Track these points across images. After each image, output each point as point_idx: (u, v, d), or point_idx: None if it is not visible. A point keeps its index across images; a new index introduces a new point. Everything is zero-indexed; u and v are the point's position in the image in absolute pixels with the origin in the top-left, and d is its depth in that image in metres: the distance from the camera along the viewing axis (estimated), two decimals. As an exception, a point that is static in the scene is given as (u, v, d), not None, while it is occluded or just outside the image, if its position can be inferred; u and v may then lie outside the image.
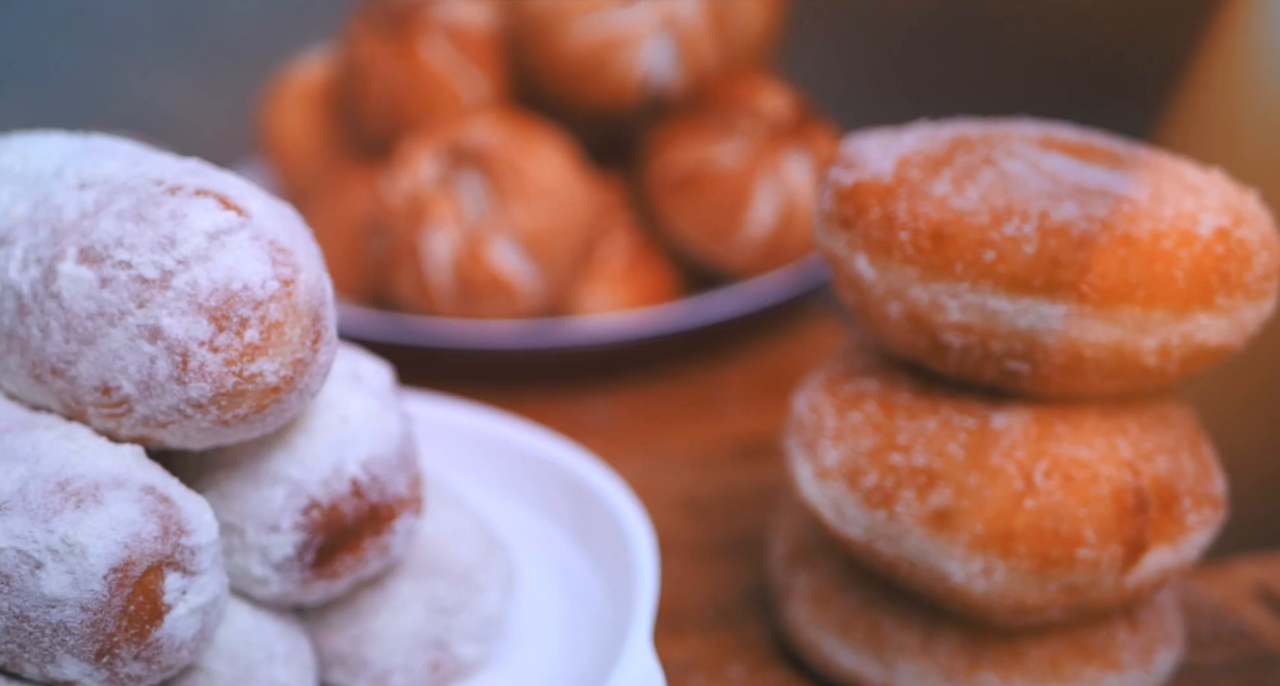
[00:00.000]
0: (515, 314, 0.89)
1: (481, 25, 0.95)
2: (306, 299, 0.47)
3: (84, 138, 0.53)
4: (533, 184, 0.86)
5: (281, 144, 1.07)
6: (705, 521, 0.77)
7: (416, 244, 0.87)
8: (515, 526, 0.66)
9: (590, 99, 0.92)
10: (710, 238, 0.93)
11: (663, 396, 0.91)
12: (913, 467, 0.54)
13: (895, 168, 0.54)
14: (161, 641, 0.46)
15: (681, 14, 0.90)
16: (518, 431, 0.69)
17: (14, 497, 0.44)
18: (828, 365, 0.61)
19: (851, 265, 0.55)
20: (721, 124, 0.93)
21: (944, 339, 0.53)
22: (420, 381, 0.89)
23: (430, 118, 0.93)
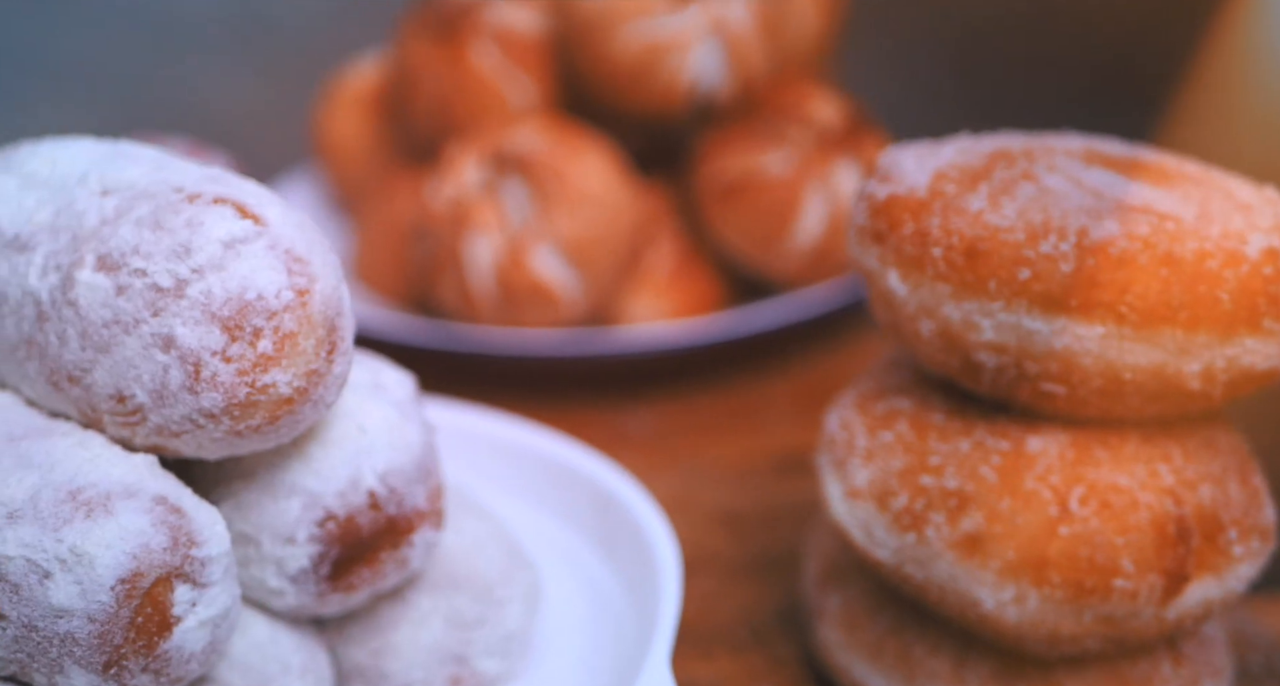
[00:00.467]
0: (557, 321, 0.88)
1: (531, 30, 0.94)
2: (322, 309, 0.46)
3: (112, 143, 0.53)
4: (576, 191, 0.85)
5: (335, 147, 1.07)
6: (742, 537, 0.75)
7: (459, 250, 0.86)
8: (541, 537, 0.65)
9: (638, 105, 0.91)
10: (757, 247, 0.92)
11: (705, 407, 0.89)
12: (944, 490, 0.53)
13: (930, 181, 0.53)
14: (170, 653, 0.46)
15: (731, 19, 0.89)
16: (546, 441, 0.69)
17: (26, 506, 0.44)
18: (861, 382, 0.59)
19: (883, 281, 0.53)
20: (770, 131, 0.92)
21: (977, 358, 0.52)
22: (461, 388, 0.89)
23: (477, 123, 0.93)
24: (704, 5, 0.89)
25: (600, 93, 0.92)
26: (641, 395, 0.90)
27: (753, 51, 0.91)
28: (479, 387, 0.89)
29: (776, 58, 0.94)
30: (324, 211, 1.11)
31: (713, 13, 0.89)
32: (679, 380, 0.91)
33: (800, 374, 0.93)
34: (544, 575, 0.62)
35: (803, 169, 0.91)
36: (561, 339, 0.87)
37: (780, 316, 0.90)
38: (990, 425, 0.54)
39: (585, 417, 0.88)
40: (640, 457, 0.84)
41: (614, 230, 0.87)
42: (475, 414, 0.71)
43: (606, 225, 0.86)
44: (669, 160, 0.97)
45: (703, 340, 0.88)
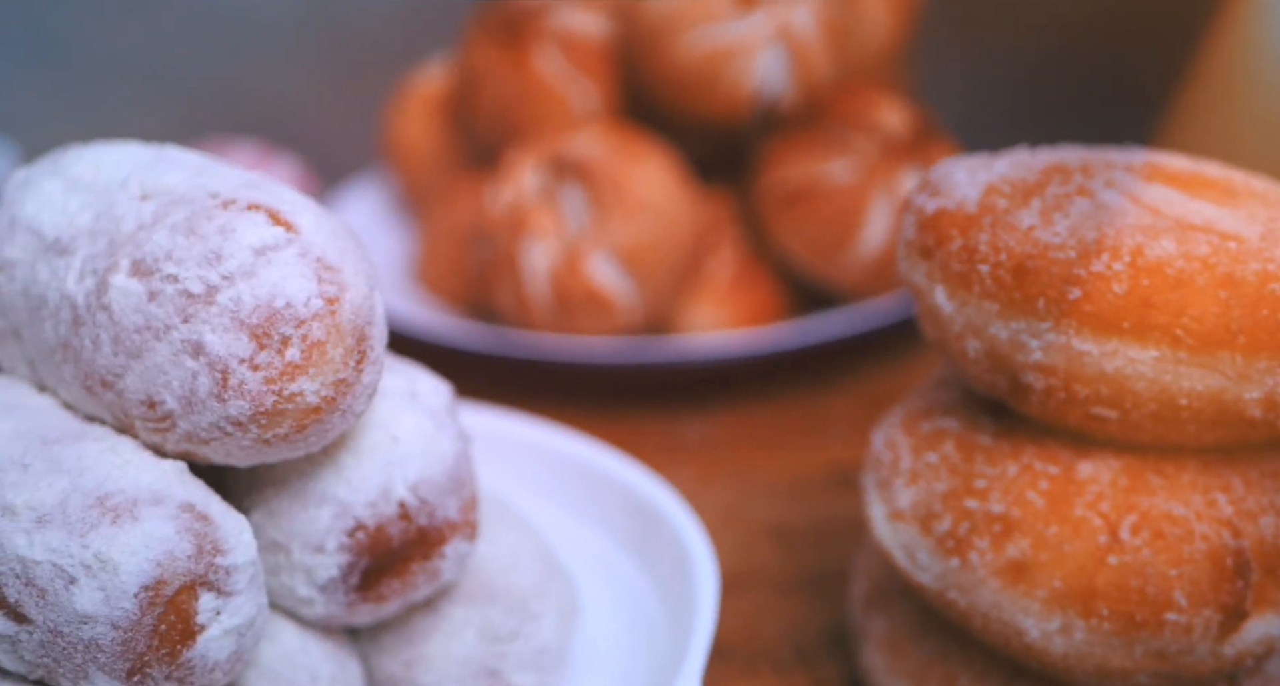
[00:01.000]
0: (613, 329, 0.87)
1: (595, 35, 0.94)
2: (351, 318, 0.46)
3: (157, 148, 0.53)
4: (633, 198, 0.84)
5: (403, 150, 1.07)
6: (793, 553, 0.74)
7: (516, 255, 0.86)
8: (580, 547, 0.65)
9: (701, 111, 0.90)
10: (820, 256, 0.90)
11: (761, 419, 0.88)
12: (989, 514, 0.51)
13: (981, 196, 0.51)
14: (194, 662, 0.45)
15: (796, 25, 0.88)
16: (588, 449, 0.68)
17: (55, 510, 0.44)
18: (909, 400, 0.58)
19: (930, 297, 0.52)
20: (834, 139, 0.91)
21: (1025, 380, 0.50)
22: (516, 394, 0.89)
23: (540, 127, 0.92)
24: (769, 11, 0.87)
25: (663, 98, 0.91)
26: (697, 405, 0.89)
27: (818, 58, 0.89)
28: (534, 394, 0.89)
29: (843, 64, 0.92)
30: (392, 214, 1.11)
31: (778, 19, 0.87)
32: (736, 390, 0.90)
33: (859, 387, 0.91)
34: (581, 587, 0.61)
35: (867, 177, 0.89)
36: (617, 347, 0.86)
37: (841, 328, 0.88)
38: (1040, 448, 0.52)
39: (640, 426, 0.87)
40: (693, 468, 0.83)
41: (671, 238, 0.86)
42: (517, 421, 0.70)
43: (663, 233, 0.85)
44: (731, 167, 0.96)
45: (761, 350, 0.87)
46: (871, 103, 0.93)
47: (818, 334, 0.88)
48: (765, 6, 0.87)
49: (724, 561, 0.73)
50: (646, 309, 0.87)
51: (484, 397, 0.88)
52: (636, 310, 0.87)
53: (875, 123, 0.92)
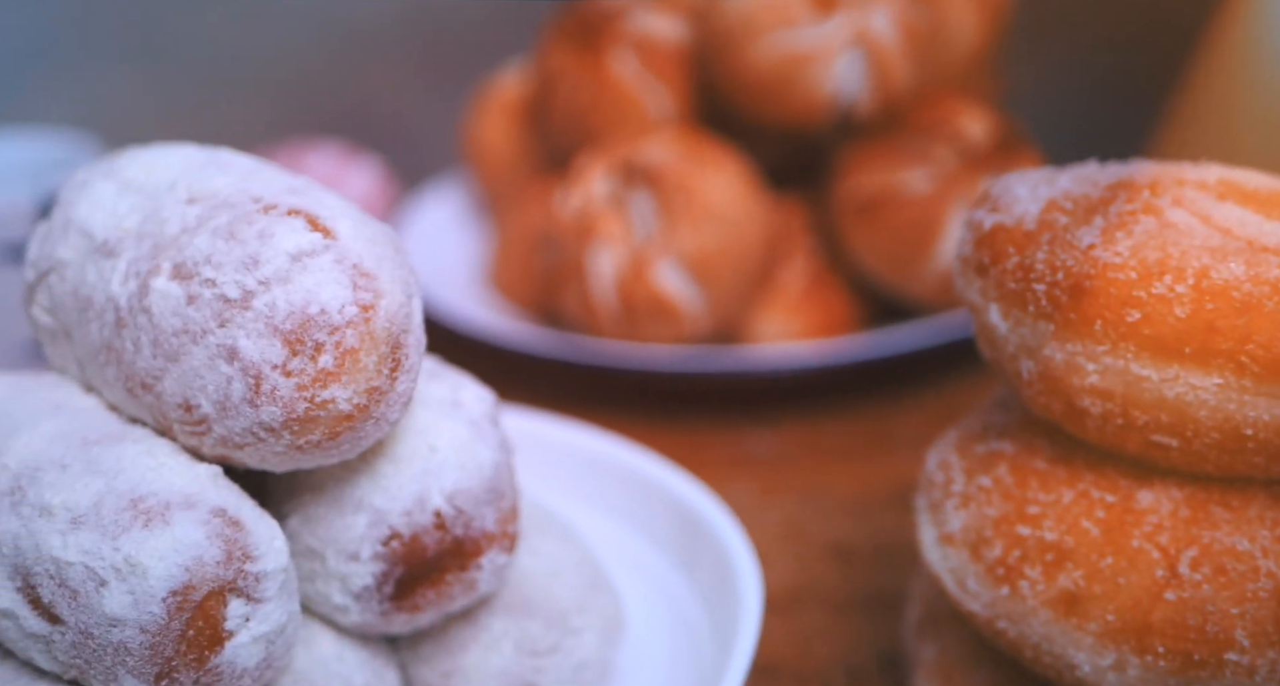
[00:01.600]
0: (680, 338, 0.86)
1: (672, 39, 0.93)
2: (386, 326, 0.45)
3: (210, 151, 0.53)
4: (701, 205, 0.83)
5: (482, 153, 1.07)
6: (853, 571, 0.72)
7: (583, 261, 0.85)
8: (627, 559, 0.64)
9: (776, 117, 0.89)
10: (894, 267, 0.89)
11: (829, 433, 0.86)
12: (1041, 542, 0.49)
13: (1040, 211, 0.49)
14: (222, 668, 0.45)
15: (875, 30, 0.86)
16: (639, 460, 0.67)
17: (89, 512, 0.44)
18: (966, 421, 0.56)
19: (985, 315, 0.50)
20: (913, 147, 0.89)
21: (1081, 404, 0.48)
22: (580, 400, 0.88)
23: (613, 132, 0.91)
24: (847, 16, 0.86)
25: (738, 104, 0.89)
26: (763, 417, 0.88)
27: (896, 63, 0.87)
28: (599, 401, 0.88)
29: (924, 70, 0.90)
30: (471, 217, 1.11)
31: (856, 23, 0.86)
32: (804, 403, 0.89)
33: (932, 403, 0.89)
34: (627, 600, 0.60)
35: (945, 188, 0.87)
36: (683, 355, 0.85)
37: (914, 341, 0.86)
38: (1097, 475, 0.50)
39: (704, 437, 0.86)
40: (756, 482, 0.82)
41: (740, 246, 0.84)
42: (570, 428, 0.69)
43: (732, 241, 0.84)
44: (806, 175, 0.94)
45: (831, 362, 0.85)
46: (952, 110, 0.91)
47: (890, 347, 0.86)
48: (843, 11, 0.86)
49: (781, 578, 0.72)
50: (714, 317, 0.86)
51: (548, 403, 0.87)
52: (703, 318, 0.85)
53: (956, 131, 0.90)
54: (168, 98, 1.42)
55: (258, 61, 1.40)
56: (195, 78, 1.41)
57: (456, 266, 1.03)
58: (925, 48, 0.90)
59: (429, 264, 1.00)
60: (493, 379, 0.92)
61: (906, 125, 0.90)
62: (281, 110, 1.41)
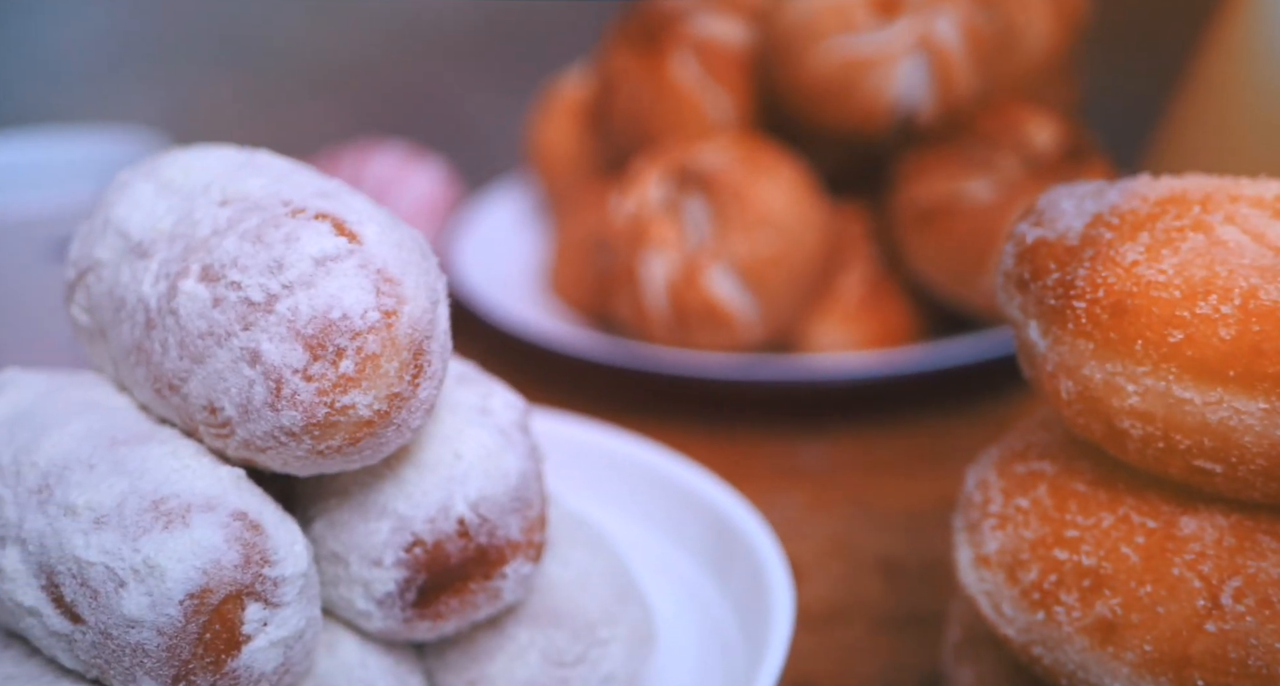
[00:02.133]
0: (732, 345, 0.85)
1: (734, 43, 0.92)
2: (408, 332, 0.45)
3: (249, 153, 0.53)
4: (755, 212, 0.82)
5: (546, 155, 1.07)
6: (899, 588, 0.71)
7: (635, 266, 0.84)
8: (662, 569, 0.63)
9: (836, 122, 0.87)
10: (955, 278, 0.87)
11: (883, 446, 0.85)
12: (1079, 567, 0.48)
13: (1085, 226, 0.48)
14: (239, 672, 0.45)
15: (938, 35, 0.84)
16: (677, 468, 0.66)
17: (112, 512, 0.44)
18: (1007, 439, 0.54)
19: (1024, 332, 0.49)
20: (977, 155, 0.87)
21: (1120, 425, 0.46)
22: (631, 406, 0.87)
23: (672, 135, 0.91)
24: (910, 21, 0.84)
25: (798, 109, 0.88)
26: (816, 427, 0.87)
27: (960, 69, 0.85)
28: (650, 407, 0.88)
29: (989, 76, 0.89)
30: (534, 219, 1.11)
31: (919, 29, 0.84)
32: (858, 414, 0.87)
33: (990, 417, 0.87)
34: (659, 612, 0.59)
35: (1008, 198, 0.85)
36: (735, 363, 0.84)
37: (974, 353, 0.85)
38: (1139, 499, 0.48)
39: (756, 446, 0.85)
40: (807, 492, 0.81)
41: (794, 253, 0.83)
42: (608, 434, 0.69)
43: (786, 248, 0.83)
44: (867, 182, 0.93)
45: (888, 372, 0.84)
46: (1018, 118, 0.89)
47: (949, 358, 0.84)
48: (906, 16, 0.84)
49: (825, 592, 0.71)
50: (767, 325, 0.85)
51: (599, 408, 0.87)
52: (756, 326, 0.84)
53: (1021, 139, 0.88)
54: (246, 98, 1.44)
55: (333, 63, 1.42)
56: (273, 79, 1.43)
57: (516, 269, 1.03)
58: (992, 53, 0.88)
59: (488, 265, 1.00)
60: (545, 382, 0.92)
61: (970, 133, 0.88)
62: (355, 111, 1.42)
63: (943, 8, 0.85)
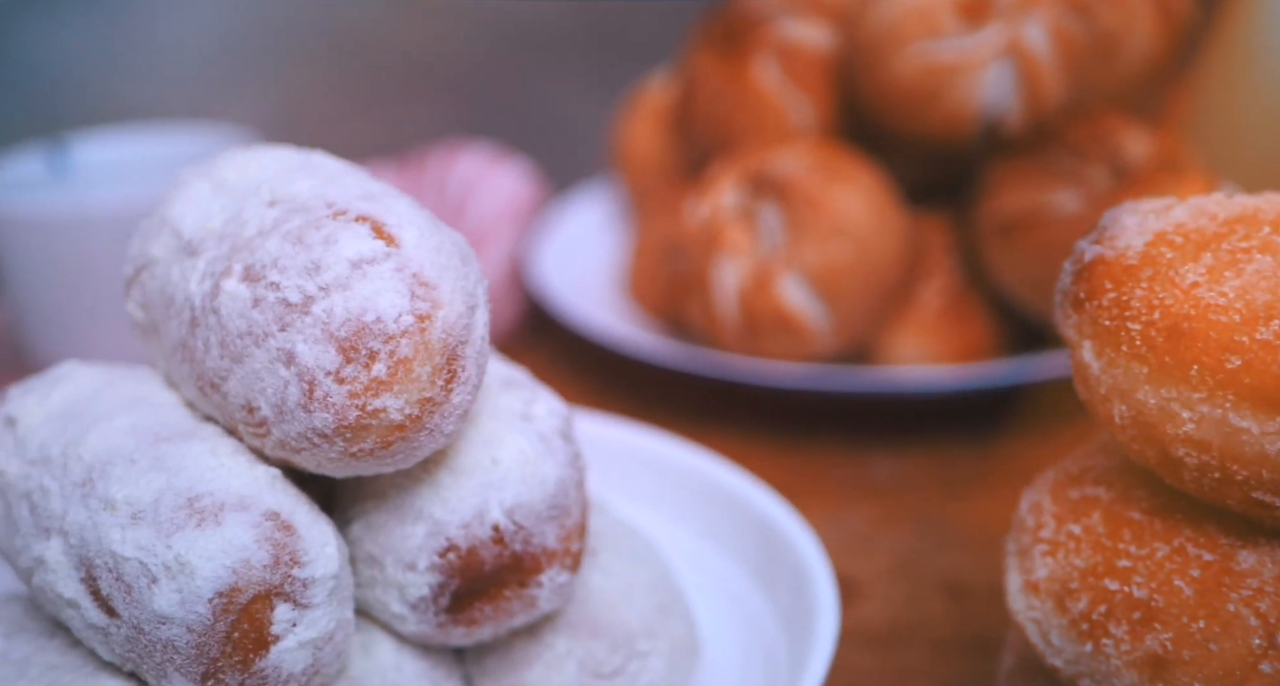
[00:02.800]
0: (804, 354, 0.83)
1: (817, 47, 0.90)
2: (442, 337, 0.45)
3: (304, 154, 0.53)
4: (829, 219, 0.81)
5: (631, 158, 1.06)
6: (964, 610, 0.69)
7: (707, 271, 0.83)
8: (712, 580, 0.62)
9: (920, 129, 0.85)
10: (1037, 291, 0.84)
11: (958, 462, 0.83)
12: (1130, 598, 0.46)
13: (1145, 245, 0.46)
14: (267, 671, 0.45)
15: (1027, 41, 0.82)
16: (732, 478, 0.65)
17: (149, 509, 0.45)
18: (1064, 462, 0.53)
19: (1079, 353, 0.47)
20: (1065, 166, 0.84)
21: (1175, 453, 0.44)
22: (702, 413, 0.87)
23: (751, 140, 0.89)
24: (998, 27, 0.82)
25: (881, 115, 0.87)
26: (889, 441, 0.85)
27: (1050, 77, 0.83)
28: (721, 415, 0.87)
29: (1081, 84, 0.86)
30: (618, 221, 1.11)
31: (1008, 34, 0.82)
32: (934, 429, 0.85)
33: (1069, 437, 0.84)
34: (705, 624, 0.59)
35: (1096, 210, 0.82)
36: (807, 373, 0.82)
37: (1055, 370, 0.82)
38: (1196, 530, 0.46)
39: (827, 459, 0.84)
40: (875, 508, 0.79)
41: (869, 263, 0.81)
42: (654, 438, 0.68)
43: (860, 257, 0.81)
44: (950, 192, 0.91)
45: (965, 387, 0.82)
46: (1111, 128, 0.86)
47: (1029, 374, 0.82)
48: (994, 21, 0.82)
49: (886, 611, 0.69)
50: (839, 335, 0.83)
51: (669, 412, 0.86)
52: (828, 336, 0.83)
53: (1113, 151, 0.85)
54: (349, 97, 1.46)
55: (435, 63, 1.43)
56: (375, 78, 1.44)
57: (597, 271, 1.02)
58: (1084, 59, 0.86)
59: (570, 267, 1.00)
60: (618, 386, 0.92)
61: (1059, 142, 0.86)
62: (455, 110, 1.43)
63: (1033, 12, 0.82)
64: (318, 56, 1.45)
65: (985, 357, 0.87)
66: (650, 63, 1.21)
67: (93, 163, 0.96)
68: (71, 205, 0.87)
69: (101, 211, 0.87)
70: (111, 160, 0.97)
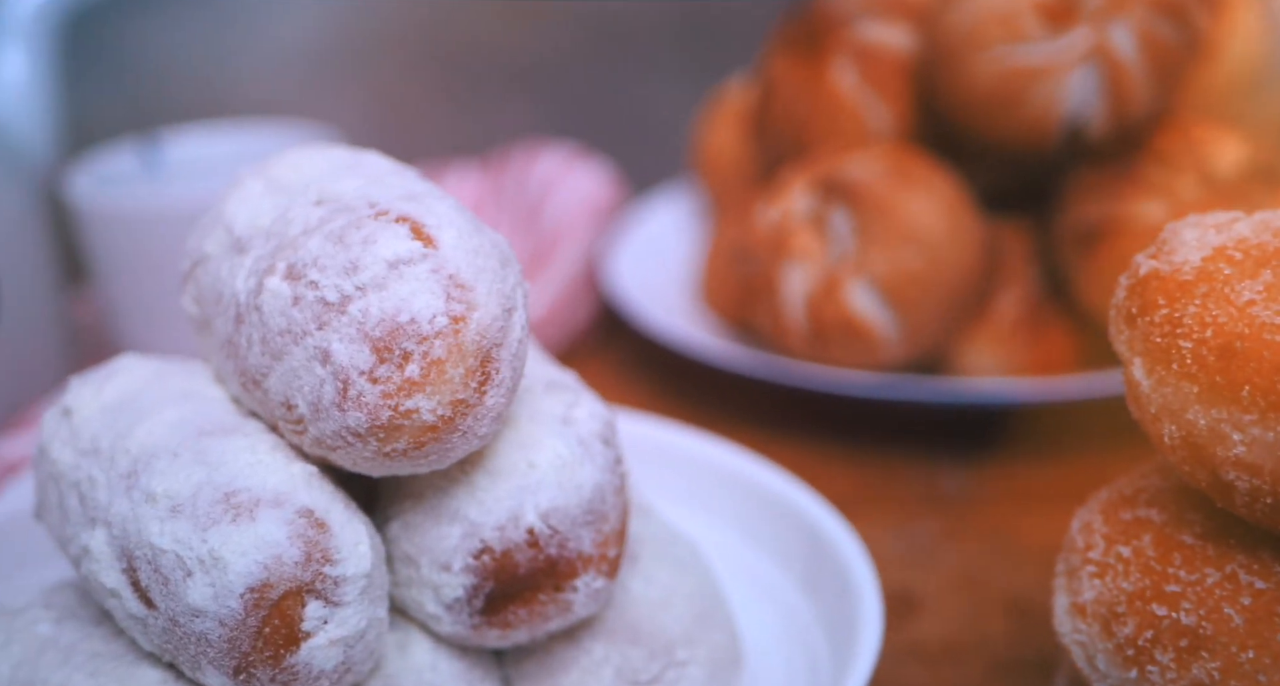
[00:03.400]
0: (872, 363, 0.82)
1: (896, 50, 0.89)
2: (476, 339, 0.45)
3: (356, 153, 0.53)
4: (900, 226, 0.79)
5: (709, 160, 1.06)
6: (1023, 629, 0.67)
7: (775, 276, 0.82)
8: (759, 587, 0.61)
9: (1000, 135, 0.83)
10: (1118, 303, 0.82)
11: (1029, 476, 0.81)
12: (1177, 625, 0.44)
13: (1203, 260, 0.44)
14: (298, 668, 0.45)
15: (1114, 45, 0.80)
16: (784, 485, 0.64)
17: (187, 502, 0.45)
18: (1119, 482, 0.51)
19: (1130, 370, 0.45)
20: (1151, 175, 0.82)
21: (1226, 476, 0.43)
22: (768, 418, 0.86)
23: (827, 144, 0.88)
24: (1084, 30, 0.80)
25: (960, 120, 0.85)
26: (960, 453, 0.83)
27: (1137, 83, 0.81)
28: (789, 422, 0.86)
29: (1173, 91, 0.83)
30: (698, 224, 1.10)
31: (1092, 37, 0.80)
32: (1007, 442, 0.83)
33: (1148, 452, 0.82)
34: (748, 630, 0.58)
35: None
36: (875, 381, 0.81)
37: (1133, 384, 0.80)
38: (1249, 557, 0.44)
39: (896, 469, 0.82)
40: (943, 521, 0.77)
41: (940, 271, 0.80)
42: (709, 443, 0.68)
43: (931, 265, 0.79)
44: (1030, 200, 0.89)
45: (1041, 399, 0.80)
46: (1201, 137, 0.84)
47: (1109, 388, 0.80)
48: (1079, 26, 0.80)
49: (945, 628, 0.68)
50: (909, 344, 0.82)
51: (738, 419, 0.86)
52: (897, 344, 0.81)
53: (1202, 160, 0.82)
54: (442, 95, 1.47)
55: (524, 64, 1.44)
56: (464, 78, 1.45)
57: (672, 273, 1.02)
58: (1175, 65, 0.83)
59: (645, 268, 1.00)
60: (687, 390, 0.91)
61: (1145, 151, 0.83)
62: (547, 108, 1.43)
63: (1120, 16, 0.80)
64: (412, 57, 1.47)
65: (1063, 370, 0.85)
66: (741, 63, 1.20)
67: (184, 159, 0.97)
68: (156, 199, 0.88)
69: (184, 206, 0.88)
70: (202, 156, 0.99)
